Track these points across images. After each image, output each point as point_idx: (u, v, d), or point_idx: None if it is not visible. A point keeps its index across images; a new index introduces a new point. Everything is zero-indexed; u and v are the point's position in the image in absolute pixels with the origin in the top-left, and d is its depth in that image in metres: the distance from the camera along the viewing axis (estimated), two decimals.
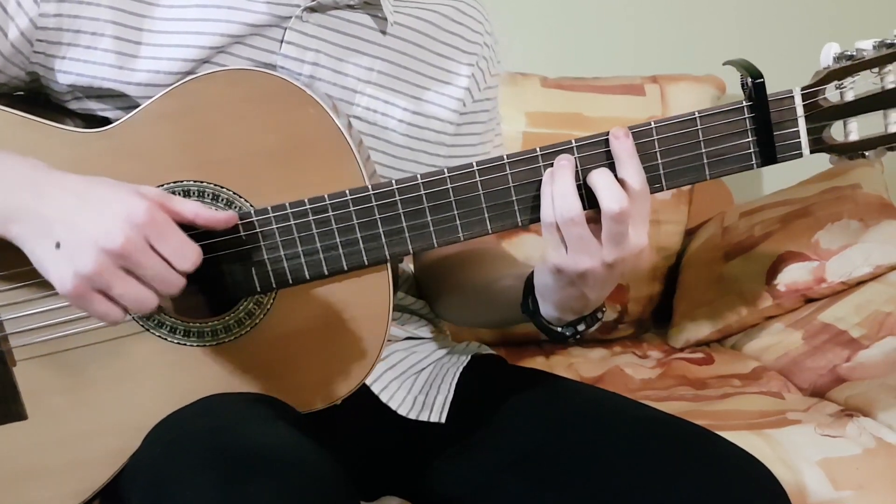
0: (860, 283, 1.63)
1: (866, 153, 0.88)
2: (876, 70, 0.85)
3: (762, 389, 1.50)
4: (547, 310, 0.94)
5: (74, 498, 0.94)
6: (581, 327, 0.96)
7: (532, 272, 0.96)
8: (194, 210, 0.83)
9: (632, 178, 0.86)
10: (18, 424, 0.93)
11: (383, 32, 1.01)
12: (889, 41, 0.85)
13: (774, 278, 1.68)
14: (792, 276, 1.66)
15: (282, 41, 0.97)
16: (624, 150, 0.87)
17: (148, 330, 0.92)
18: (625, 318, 1.83)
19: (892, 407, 1.34)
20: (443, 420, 1.02)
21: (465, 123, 1.10)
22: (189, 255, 0.81)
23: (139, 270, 0.80)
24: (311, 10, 0.97)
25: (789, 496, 0.89)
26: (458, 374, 1.06)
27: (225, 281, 0.91)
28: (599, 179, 0.86)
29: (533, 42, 2.04)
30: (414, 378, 1.07)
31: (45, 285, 0.86)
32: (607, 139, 0.88)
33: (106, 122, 0.95)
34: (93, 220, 0.80)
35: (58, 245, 0.80)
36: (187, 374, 0.93)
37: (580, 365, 1.68)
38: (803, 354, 1.60)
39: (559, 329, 0.96)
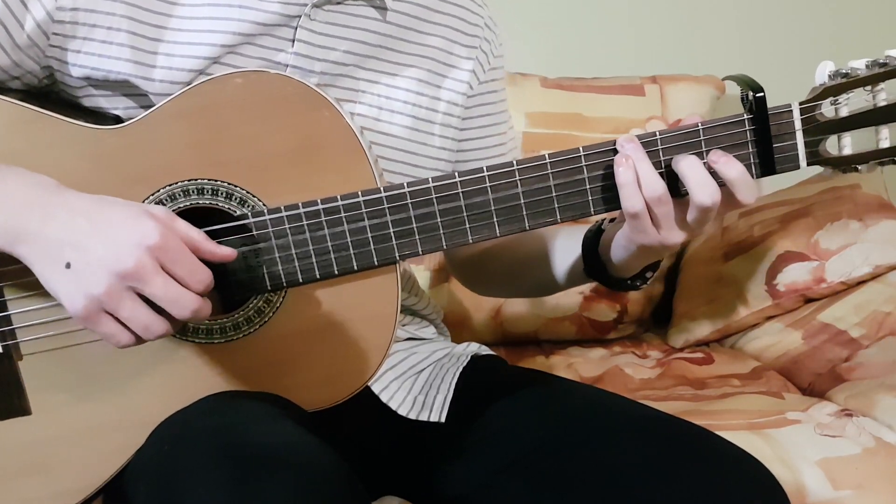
0: (860, 283, 1.64)
1: (859, 167, 0.92)
2: (869, 88, 0.90)
3: (762, 389, 1.50)
4: (618, 270, 1.00)
5: (75, 495, 0.94)
6: (649, 275, 1.02)
7: (585, 234, 1.02)
8: (197, 239, 0.83)
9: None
10: (22, 419, 0.93)
11: (384, 21, 1.02)
12: (881, 61, 0.89)
13: (774, 278, 1.69)
14: (791, 276, 1.67)
15: (293, 40, 0.97)
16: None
17: None
18: (624, 317, 1.83)
19: (891, 407, 1.34)
20: (442, 420, 1.02)
21: (475, 106, 1.11)
22: (201, 277, 0.82)
23: (149, 291, 0.80)
24: (317, 6, 0.98)
25: (788, 496, 0.89)
26: (457, 374, 1.06)
27: (235, 279, 0.92)
28: (690, 170, 0.89)
29: (533, 42, 2.03)
30: (414, 378, 1.07)
31: None
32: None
33: (118, 121, 0.95)
34: (103, 242, 0.80)
35: (68, 266, 0.80)
36: (194, 370, 0.93)
37: (580, 365, 1.69)
38: (803, 354, 1.60)
39: (628, 282, 1.01)
